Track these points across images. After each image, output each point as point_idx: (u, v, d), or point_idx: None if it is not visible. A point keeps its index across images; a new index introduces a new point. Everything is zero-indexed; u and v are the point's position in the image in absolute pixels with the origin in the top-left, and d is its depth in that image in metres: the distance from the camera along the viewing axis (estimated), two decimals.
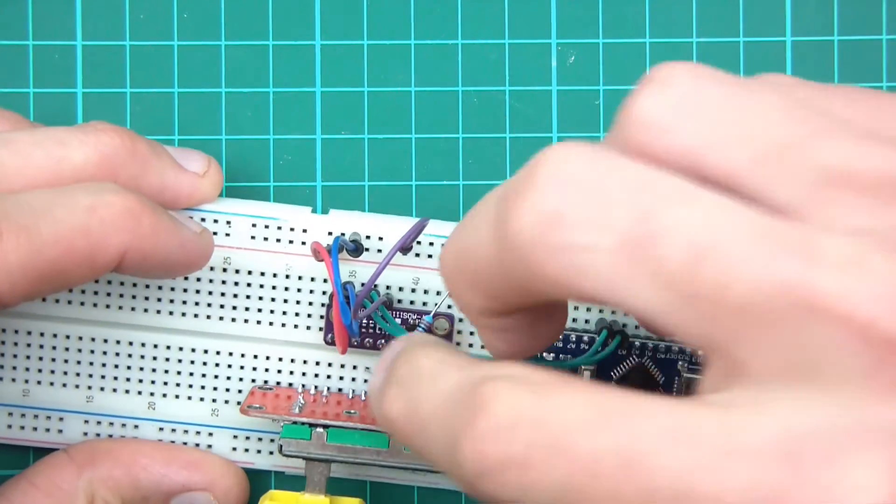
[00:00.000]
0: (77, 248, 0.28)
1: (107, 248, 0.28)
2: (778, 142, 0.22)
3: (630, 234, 0.21)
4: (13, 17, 0.35)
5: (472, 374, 0.23)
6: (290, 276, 0.34)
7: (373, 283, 0.31)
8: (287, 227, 0.33)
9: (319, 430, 0.32)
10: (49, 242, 0.27)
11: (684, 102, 0.22)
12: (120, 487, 0.33)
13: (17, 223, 0.27)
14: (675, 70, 0.23)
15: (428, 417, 0.24)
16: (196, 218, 0.33)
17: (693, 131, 0.22)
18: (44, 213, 0.27)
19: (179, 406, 0.34)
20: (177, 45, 0.35)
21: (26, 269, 0.27)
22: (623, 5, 0.35)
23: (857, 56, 0.36)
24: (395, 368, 0.25)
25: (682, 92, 0.23)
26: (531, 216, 0.22)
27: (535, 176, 0.22)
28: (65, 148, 0.30)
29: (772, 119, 0.22)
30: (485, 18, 0.35)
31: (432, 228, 0.33)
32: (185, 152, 0.33)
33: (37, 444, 0.35)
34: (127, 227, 0.29)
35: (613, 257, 0.21)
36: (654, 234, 0.21)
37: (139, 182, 0.31)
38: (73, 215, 0.28)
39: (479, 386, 0.22)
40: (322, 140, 0.35)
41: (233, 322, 0.34)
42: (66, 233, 0.28)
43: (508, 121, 0.35)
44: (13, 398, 0.34)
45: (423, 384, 0.24)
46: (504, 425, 0.21)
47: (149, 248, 0.29)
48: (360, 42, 0.35)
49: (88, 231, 0.28)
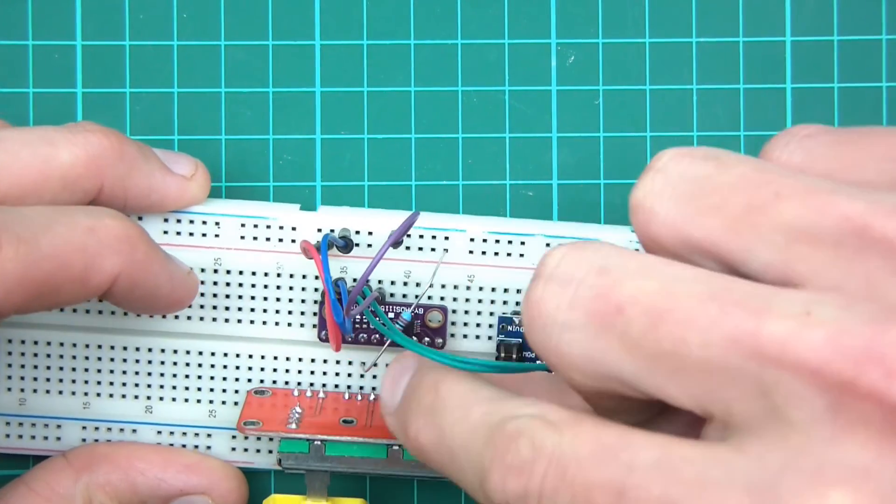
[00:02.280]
0: (73, 265, 0.28)
1: (101, 269, 0.28)
2: (741, 207, 0.24)
3: (597, 307, 0.24)
4: (13, 17, 0.35)
5: (499, 411, 0.25)
6: (282, 274, 0.34)
7: (365, 280, 0.31)
8: (276, 225, 0.33)
9: (318, 443, 0.32)
10: (46, 256, 0.27)
11: (664, 186, 0.25)
12: (117, 492, 0.33)
13: (17, 235, 0.27)
14: (662, 158, 0.25)
15: (457, 449, 0.26)
16: (185, 219, 0.33)
17: (674, 210, 0.25)
18: (44, 227, 0.27)
19: (177, 409, 0.34)
20: (177, 45, 0.35)
21: (23, 280, 0.27)
22: (623, 5, 0.35)
23: (857, 56, 0.36)
24: (418, 397, 0.27)
25: (664, 175, 0.25)
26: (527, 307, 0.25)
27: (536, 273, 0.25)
28: (53, 147, 0.30)
29: (736, 187, 0.24)
30: (485, 18, 0.35)
31: (422, 221, 0.33)
32: (173, 155, 0.33)
33: (35, 452, 0.34)
34: (122, 250, 0.29)
35: (589, 331, 0.24)
36: (618, 304, 0.23)
37: (126, 183, 0.31)
38: (72, 233, 0.28)
39: (506, 424, 0.24)
40: (322, 140, 0.35)
41: (226, 323, 0.34)
42: (63, 248, 0.28)
43: (508, 121, 0.35)
44: (10, 407, 0.34)
45: (450, 416, 0.26)
46: (526, 461, 0.24)
47: (140, 275, 0.29)
48: (360, 42, 0.35)
49: (85, 249, 0.28)
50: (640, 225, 0.25)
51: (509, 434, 0.24)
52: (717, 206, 0.24)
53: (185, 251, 0.33)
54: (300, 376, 0.34)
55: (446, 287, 0.34)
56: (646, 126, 0.36)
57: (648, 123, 0.36)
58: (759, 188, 0.24)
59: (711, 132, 0.36)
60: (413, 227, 0.33)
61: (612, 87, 0.36)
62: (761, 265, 0.24)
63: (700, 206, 0.24)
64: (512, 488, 0.24)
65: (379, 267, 0.33)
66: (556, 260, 0.24)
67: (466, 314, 0.34)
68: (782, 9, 0.35)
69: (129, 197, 0.32)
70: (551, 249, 0.25)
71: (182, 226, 0.33)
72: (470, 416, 0.26)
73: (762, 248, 0.24)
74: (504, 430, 0.24)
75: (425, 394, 0.27)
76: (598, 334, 0.24)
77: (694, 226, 0.24)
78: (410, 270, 0.34)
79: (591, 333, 0.24)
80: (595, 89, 0.36)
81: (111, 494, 0.33)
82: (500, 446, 0.24)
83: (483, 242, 0.34)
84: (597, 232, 0.34)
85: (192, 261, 0.33)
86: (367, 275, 0.31)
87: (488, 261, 0.34)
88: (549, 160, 0.35)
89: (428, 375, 0.28)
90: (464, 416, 0.26)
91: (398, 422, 0.28)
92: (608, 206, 0.35)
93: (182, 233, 0.33)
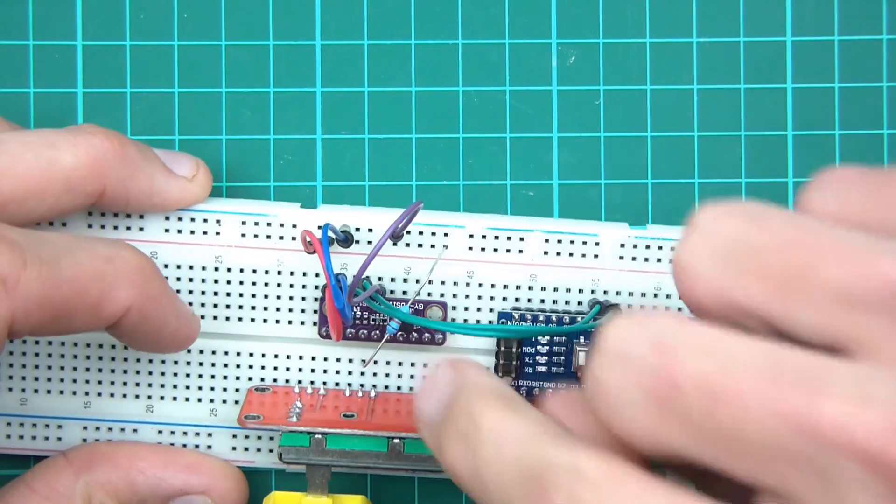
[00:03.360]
0: (90, 291, 0.28)
1: (115, 299, 0.29)
2: (785, 270, 0.24)
3: (656, 385, 0.23)
4: (13, 17, 0.35)
5: (534, 454, 0.25)
6: (282, 272, 0.34)
7: (365, 269, 0.31)
8: (277, 223, 0.33)
9: (318, 437, 0.32)
10: (66, 280, 0.27)
11: (704, 247, 0.25)
12: (117, 491, 0.33)
13: (40, 257, 0.27)
14: (702, 215, 0.25)
15: (490, 482, 0.25)
16: (186, 217, 0.33)
17: (715, 273, 0.24)
18: (66, 252, 0.28)
19: (177, 408, 0.34)
20: (177, 45, 0.35)
21: (42, 301, 0.27)
22: (623, 5, 0.35)
23: (857, 56, 0.36)
24: (455, 419, 0.27)
25: (702, 237, 0.25)
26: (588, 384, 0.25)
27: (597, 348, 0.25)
28: (55, 150, 0.30)
29: (776, 249, 0.24)
30: (485, 18, 0.35)
31: (422, 218, 0.33)
32: (174, 156, 0.33)
33: (36, 452, 0.34)
34: (137, 282, 0.29)
35: (648, 410, 0.24)
36: (676, 383, 0.23)
37: (128, 185, 0.31)
38: (91, 260, 0.28)
39: (542, 475, 0.24)
40: (322, 140, 0.35)
41: (227, 321, 0.34)
42: (82, 274, 0.28)
43: (508, 121, 0.35)
44: (11, 408, 0.34)
45: (486, 448, 0.26)
46: None
47: (150, 309, 0.29)
48: (360, 42, 0.35)
49: (103, 278, 0.28)
50: (685, 288, 0.25)
51: (544, 487, 0.24)
52: (759, 269, 0.24)
53: (186, 249, 0.33)
54: (301, 374, 0.34)
55: (446, 283, 0.34)
56: (646, 126, 0.36)
57: (649, 123, 0.36)
58: (800, 251, 0.24)
59: (712, 132, 0.36)
60: (413, 223, 0.33)
61: (613, 87, 0.36)
62: (809, 329, 0.23)
63: (741, 269, 0.24)
64: None
65: (379, 263, 0.33)
66: (615, 334, 0.24)
67: (466, 310, 0.34)
68: (783, 9, 0.35)
69: (130, 199, 0.32)
70: (610, 322, 0.25)
71: (183, 224, 0.33)
72: (503, 454, 0.26)
73: (808, 312, 0.23)
74: (539, 481, 0.24)
75: (462, 418, 0.27)
76: (658, 413, 0.23)
77: (737, 289, 0.24)
78: (410, 267, 0.34)
79: (651, 411, 0.24)
80: (595, 89, 0.36)
81: (111, 494, 0.33)
82: (534, 498, 0.24)
83: (482, 239, 0.34)
84: (595, 227, 0.34)
85: (192, 259, 0.33)
86: (369, 262, 0.31)
87: (487, 257, 0.34)
88: (550, 160, 0.35)
89: (465, 398, 0.27)
90: (497, 453, 0.26)
91: (433, 438, 0.28)
92: (608, 206, 0.35)
93: (183, 231, 0.33)
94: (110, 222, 0.33)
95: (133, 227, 0.33)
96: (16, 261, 0.26)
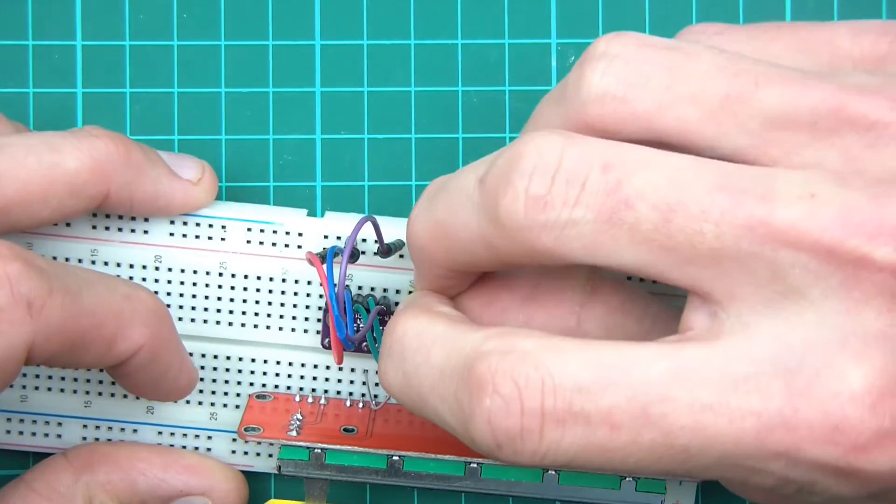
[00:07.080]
0: (106, 326, 0.28)
1: (128, 337, 0.29)
2: (721, 96, 0.25)
3: (606, 204, 0.24)
4: (13, 17, 0.35)
5: (460, 350, 0.25)
6: (287, 279, 0.33)
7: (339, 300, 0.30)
8: (282, 230, 0.33)
9: (318, 451, 0.32)
10: (87, 312, 0.28)
11: (633, 73, 0.25)
12: (118, 492, 0.33)
13: (65, 286, 0.27)
14: (616, 43, 0.26)
15: (426, 393, 0.26)
16: (191, 222, 0.33)
17: (645, 98, 0.25)
18: (88, 285, 0.28)
19: (178, 410, 0.34)
20: (177, 45, 0.35)
21: (63, 329, 0.27)
22: (623, 5, 0.35)
23: None
24: (384, 337, 0.28)
25: (628, 63, 0.25)
26: (521, 202, 0.24)
27: (520, 165, 0.24)
28: (58, 154, 0.30)
29: (712, 76, 0.25)
30: (485, 18, 0.35)
31: None
32: (179, 158, 0.33)
33: (35, 449, 0.34)
34: (151, 324, 0.29)
35: (595, 226, 0.24)
36: (627, 200, 0.24)
37: (132, 189, 0.31)
38: (111, 295, 0.28)
39: (475, 366, 0.24)
40: (322, 140, 0.35)
41: (230, 326, 0.34)
42: (102, 308, 0.28)
43: (508, 121, 0.35)
44: (11, 404, 0.34)
45: (411, 359, 0.26)
46: (512, 399, 0.24)
47: (160, 351, 0.30)
48: (360, 42, 0.35)
49: (121, 315, 0.28)
50: (607, 114, 0.25)
51: (482, 376, 0.24)
52: (695, 94, 0.25)
53: (191, 254, 0.33)
54: (302, 381, 0.34)
55: None
56: None
57: None
58: (737, 77, 0.25)
59: None
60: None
61: None
62: (732, 150, 0.25)
63: (678, 94, 0.25)
64: (502, 429, 0.24)
65: (382, 277, 0.33)
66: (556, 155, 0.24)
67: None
68: (782, 9, 0.35)
69: (135, 202, 0.32)
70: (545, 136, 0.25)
71: (188, 228, 0.33)
72: (430, 360, 0.26)
73: (736, 134, 0.25)
74: (475, 373, 0.24)
75: (387, 336, 0.28)
76: (604, 229, 0.24)
77: (669, 115, 0.25)
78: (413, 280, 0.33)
79: (597, 228, 0.24)
80: None
81: (111, 494, 0.33)
82: (476, 390, 0.24)
83: None
84: None
85: (197, 264, 0.33)
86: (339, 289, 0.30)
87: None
88: None
89: (390, 322, 0.28)
90: (424, 359, 0.26)
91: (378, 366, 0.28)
92: None
93: (188, 235, 0.33)
94: (115, 224, 0.33)
95: (138, 229, 0.33)
96: (43, 287, 0.26)
